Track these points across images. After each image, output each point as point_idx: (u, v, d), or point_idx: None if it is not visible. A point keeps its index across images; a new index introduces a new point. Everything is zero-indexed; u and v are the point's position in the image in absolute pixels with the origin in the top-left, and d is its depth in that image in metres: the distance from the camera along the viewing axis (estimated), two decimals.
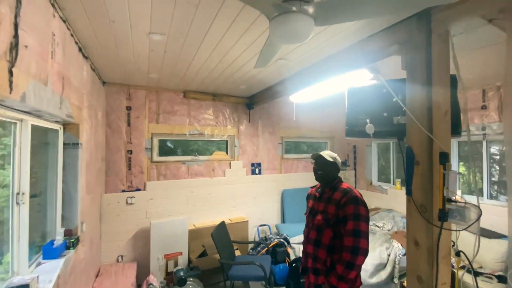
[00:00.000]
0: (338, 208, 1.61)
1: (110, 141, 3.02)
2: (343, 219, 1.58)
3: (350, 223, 1.55)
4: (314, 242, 1.67)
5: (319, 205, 1.73)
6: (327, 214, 1.65)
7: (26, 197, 1.38)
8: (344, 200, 1.61)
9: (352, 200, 1.59)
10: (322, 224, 1.65)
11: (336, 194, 1.67)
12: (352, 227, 1.54)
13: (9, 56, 0.94)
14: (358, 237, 1.52)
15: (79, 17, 1.52)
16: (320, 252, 1.63)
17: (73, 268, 1.80)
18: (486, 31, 1.71)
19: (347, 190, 1.66)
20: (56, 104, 1.42)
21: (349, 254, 1.51)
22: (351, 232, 1.53)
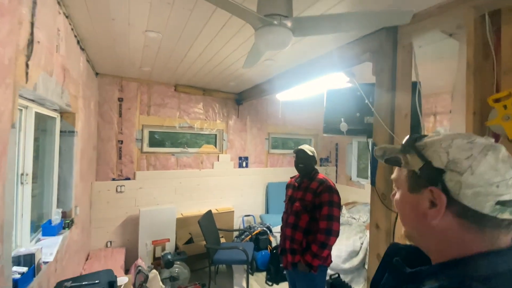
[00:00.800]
0: (314, 196, 1.85)
1: (102, 131, 3.12)
2: (319, 205, 1.83)
3: (325, 209, 1.80)
4: (292, 225, 1.90)
5: (298, 193, 1.95)
6: (305, 201, 1.88)
7: (29, 177, 1.51)
8: (320, 189, 1.85)
9: (327, 189, 1.84)
10: (300, 210, 1.87)
11: (313, 184, 1.90)
12: (326, 212, 1.79)
13: (26, 51, 1.07)
14: (331, 220, 1.78)
15: (81, 14, 1.64)
16: (297, 234, 1.86)
17: (68, 247, 1.93)
18: (454, 42, 1.95)
19: (322, 180, 1.90)
20: (58, 93, 1.55)
21: (324, 235, 1.76)
22: (325, 216, 1.79)
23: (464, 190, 0.42)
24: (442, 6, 1.39)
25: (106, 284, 1.50)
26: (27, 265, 1.25)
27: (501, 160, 0.42)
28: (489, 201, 0.41)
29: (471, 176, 0.42)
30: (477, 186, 0.41)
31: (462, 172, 0.42)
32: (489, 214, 0.41)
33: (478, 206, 0.42)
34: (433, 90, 3.30)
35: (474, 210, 0.42)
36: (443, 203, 0.44)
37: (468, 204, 0.42)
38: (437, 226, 0.46)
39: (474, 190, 0.42)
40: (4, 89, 0.92)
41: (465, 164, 0.42)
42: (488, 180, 0.41)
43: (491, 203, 0.41)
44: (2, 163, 0.93)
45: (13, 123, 1.01)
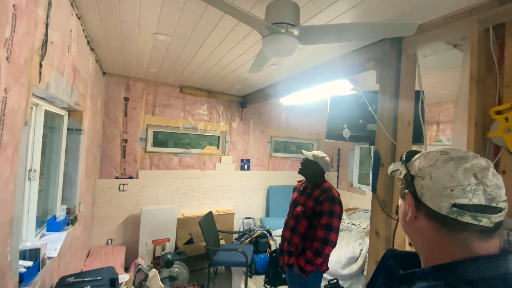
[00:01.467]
0: (316, 204, 1.87)
1: (107, 129, 3.16)
2: (319, 213, 1.84)
3: (325, 218, 1.80)
4: (291, 229, 1.94)
5: (301, 198, 1.98)
6: (306, 207, 1.90)
7: (36, 174, 1.54)
8: (322, 198, 1.85)
9: (330, 199, 1.84)
10: (300, 214, 1.90)
11: (317, 191, 1.92)
12: (325, 222, 1.80)
13: (40, 51, 1.11)
14: (329, 230, 1.78)
15: (92, 15, 1.68)
16: (295, 238, 1.90)
17: (71, 243, 1.96)
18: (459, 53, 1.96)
19: (326, 189, 1.91)
20: (68, 92, 1.58)
21: (320, 244, 1.78)
22: (324, 225, 1.79)
23: (426, 193, 0.50)
24: (447, 18, 1.42)
25: (108, 281, 1.52)
26: (32, 259, 1.28)
27: (464, 169, 0.47)
28: (443, 202, 0.47)
29: (429, 180, 0.50)
30: (433, 189, 0.49)
31: (423, 177, 0.51)
32: (448, 216, 0.47)
33: (436, 206, 0.48)
34: (436, 99, 3.31)
35: (436, 211, 0.48)
36: (412, 202, 0.53)
37: (429, 204, 0.50)
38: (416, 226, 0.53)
39: (432, 193, 0.49)
40: (19, 88, 0.95)
41: (427, 170, 0.51)
42: (443, 184, 0.48)
43: (446, 205, 0.47)
44: (15, 160, 0.96)
45: (26, 121, 1.05)
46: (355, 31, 1.23)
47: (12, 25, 0.84)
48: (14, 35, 0.86)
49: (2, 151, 0.85)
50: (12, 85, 0.89)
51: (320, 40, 1.29)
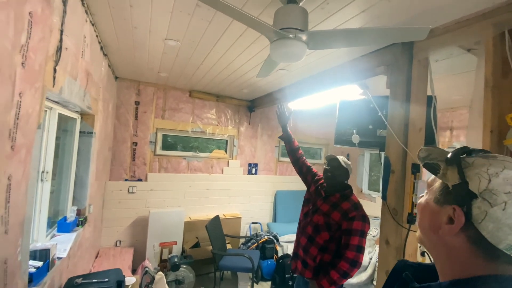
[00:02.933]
0: (343, 219, 1.66)
1: (118, 132, 3.22)
2: (347, 231, 1.64)
3: (356, 238, 1.62)
4: (309, 237, 1.75)
5: (323, 205, 1.76)
6: (330, 219, 1.69)
7: (49, 175, 1.58)
8: (353, 214, 1.65)
9: (361, 218, 1.66)
10: (322, 226, 1.70)
11: (345, 204, 1.70)
12: (357, 243, 1.61)
13: (55, 57, 1.15)
14: (359, 252, 1.61)
15: (106, 22, 1.73)
16: (312, 248, 1.71)
17: (81, 244, 1.99)
18: (472, 57, 1.91)
19: (357, 205, 1.71)
20: (81, 96, 1.63)
21: (348, 265, 1.59)
22: (355, 247, 1.61)
23: (487, 222, 0.42)
24: (460, 22, 1.38)
25: (115, 283, 1.53)
26: (42, 259, 1.30)
27: None
28: (508, 240, 0.41)
29: (501, 211, 0.41)
30: (503, 223, 0.41)
31: (494, 204, 0.41)
32: (503, 251, 0.41)
33: (495, 240, 0.41)
34: (449, 105, 3.22)
35: (489, 242, 0.42)
36: (460, 224, 0.44)
37: (485, 235, 0.42)
38: (449, 242, 0.47)
39: (497, 226, 0.41)
40: (34, 92, 0.98)
41: (502, 198, 0.41)
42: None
43: (508, 242, 0.41)
44: (27, 162, 0.98)
45: (39, 124, 1.08)
46: (365, 36, 1.22)
47: (28, 32, 0.87)
48: (30, 41, 0.89)
49: (15, 154, 0.87)
50: (27, 89, 0.92)
51: (329, 45, 1.28)
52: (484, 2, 1.23)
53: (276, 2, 1.35)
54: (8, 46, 0.76)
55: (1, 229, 0.82)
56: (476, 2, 1.24)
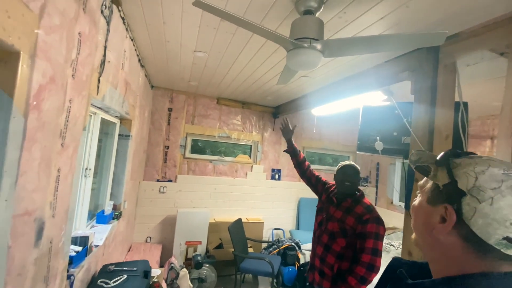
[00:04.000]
0: (358, 222, 1.63)
1: (152, 136, 3.50)
2: (362, 235, 1.61)
3: (371, 241, 1.58)
4: (324, 245, 1.72)
5: (336, 211, 1.74)
6: (345, 224, 1.66)
7: (91, 172, 1.80)
8: (367, 217, 1.63)
9: (375, 220, 1.63)
10: (338, 232, 1.67)
11: (358, 208, 1.67)
12: (372, 245, 1.58)
13: (99, 69, 1.34)
14: (375, 255, 1.57)
15: (143, 37, 1.95)
16: (329, 257, 1.68)
17: (115, 236, 2.21)
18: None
19: (370, 208, 1.69)
20: (120, 103, 1.84)
21: (365, 269, 1.55)
22: (370, 250, 1.57)
23: (477, 218, 0.43)
24: (487, 25, 1.32)
25: (142, 272, 1.68)
26: (82, 245, 1.49)
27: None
28: (497, 234, 0.42)
29: (489, 206, 0.42)
30: (491, 218, 0.42)
31: (481, 200, 0.43)
32: (493, 246, 0.42)
33: (485, 236, 0.43)
34: (490, 112, 2.97)
35: (480, 238, 0.43)
36: (452, 222, 0.46)
37: (476, 231, 0.43)
38: (442, 241, 0.48)
39: (486, 221, 0.42)
40: (81, 99, 1.16)
41: (489, 194, 0.43)
42: (504, 216, 0.41)
43: (497, 237, 0.42)
44: (73, 158, 1.16)
45: (84, 127, 1.26)
46: (380, 43, 1.23)
47: (77, 49, 1.05)
48: (79, 57, 1.07)
49: (64, 150, 1.05)
50: (75, 97, 1.09)
51: (345, 52, 1.31)
52: (509, 5, 1.17)
53: (294, 14, 1.42)
54: (61, 61, 0.94)
55: (50, 213, 0.98)
56: (501, 6, 1.18)
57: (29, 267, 0.87)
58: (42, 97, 0.83)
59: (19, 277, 0.82)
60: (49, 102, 0.88)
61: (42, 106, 0.84)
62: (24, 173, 0.78)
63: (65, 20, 0.92)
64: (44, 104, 0.85)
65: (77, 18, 1.02)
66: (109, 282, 1.53)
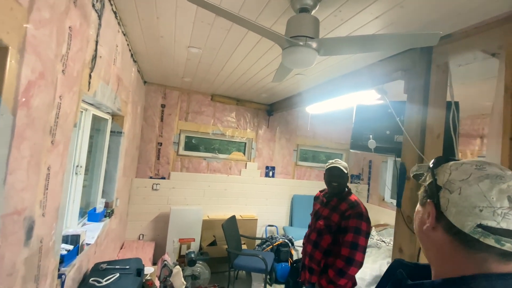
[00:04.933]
0: (341, 218, 1.73)
1: (145, 133, 3.46)
2: (344, 229, 1.70)
3: (350, 235, 1.66)
4: (313, 243, 1.81)
5: (324, 210, 1.84)
6: (330, 221, 1.76)
7: (82, 169, 1.77)
8: (349, 213, 1.71)
9: (357, 215, 1.70)
10: (324, 229, 1.77)
11: (343, 205, 1.77)
12: (351, 239, 1.65)
13: (90, 64, 1.31)
14: (355, 249, 1.63)
15: (136, 31, 1.91)
16: (317, 253, 1.77)
17: (107, 234, 2.18)
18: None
19: (354, 204, 1.75)
20: (112, 99, 1.81)
21: (343, 262, 1.63)
22: (349, 243, 1.65)
23: (450, 208, 0.48)
24: (479, 26, 1.34)
25: (135, 271, 1.67)
26: (73, 244, 1.47)
27: (499, 190, 0.45)
28: (468, 221, 0.45)
29: (457, 195, 0.47)
30: (460, 206, 0.46)
31: (452, 191, 0.48)
32: (470, 235, 0.45)
33: (459, 223, 0.46)
34: (480, 111, 3.04)
35: (458, 228, 0.46)
36: (433, 214, 0.51)
37: (451, 220, 0.47)
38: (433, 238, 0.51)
39: (457, 209, 0.46)
40: (72, 95, 1.14)
41: (457, 184, 0.48)
42: (472, 202, 0.45)
43: (471, 224, 0.45)
44: (64, 156, 1.14)
45: (75, 123, 1.23)
46: (375, 42, 1.23)
47: (68, 44, 1.02)
48: (69, 52, 1.04)
49: (54, 147, 1.02)
50: (66, 93, 1.07)
51: (340, 51, 1.31)
52: (503, 6, 1.19)
53: (290, 11, 1.41)
54: (51, 56, 0.91)
55: (40, 212, 0.96)
56: (495, 7, 1.20)
57: (19, 266, 0.85)
58: (32, 93, 0.81)
59: (9, 277, 0.80)
60: (38, 99, 0.85)
61: (31, 102, 0.81)
62: (13, 172, 0.76)
63: (55, 14, 0.90)
64: (34, 101, 0.83)
65: (68, 12, 0.99)
66: (101, 280, 1.51)
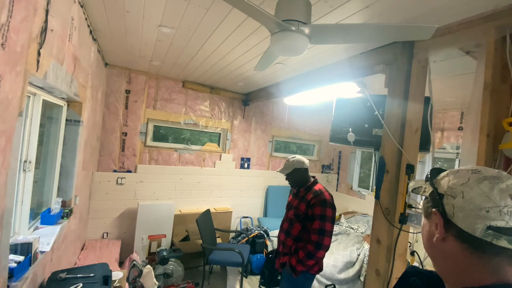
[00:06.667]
0: (308, 207, 1.87)
1: (107, 121, 3.11)
2: (311, 217, 1.85)
3: (317, 223, 1.81)
4: (285, 231, 1.97)
5: (295, 201, 2.00)
6: (298, 210, 1.91)
7: (32, 165, 1.49)
8: (313, 201, 1.85)
9: (321, 203, 1.83)
10: (293, 218, 1.92)
11: (309, 195, 1.91)
12: (318, 226, 1.80)
13: (39, 39, 1.06)
14: (322, 235, 1.79)
15: (96, 3, 1.63)
16: (288, 240, 1.92)
17: (65, 237, 1.92)
18: (468, 60, 1.92)
19: (318, 192, 1.89)
20: (68, 83, 1.54)
21: (313, 247, 1.79)
22: (317, 230, 1.80)
23: (457, 213, 0.47)
24: (463, 23, 1.37)
25: (101, 278, 1.48)
26: (24, 254, 1.24)
27: (500, 189, 0.45)
28: (478, 224, 0.44)
29: (461, 199, 0.47)
30: (467, 209, 0.46)
31: (455, 196, 0.48)
32: (483, 239, 0.44)
33: (469, 228, 0.45)
34: (442, 106, 3.26)
35: (468, 233, 0.45)
36: (441, 223, 0.49)
37: (461, 226, 0.46)
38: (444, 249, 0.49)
39: (464, 213, 0.46)
40: (14, 76, 0.90)
41: (459, 189, 0.48)
42: (478, 204, 0.45)
43: (480, 226, 0.44)
44: (7, 151, 0.91)
45: (21, 111, 1.00)
46: (369, 32, 1.18)
47: (9, 10, 0.79)
48: (11, 21, 0.81)
49: None
50: (7, 73, 0.84)
51: (332, 40, 1.24)
52: (489, 4, 1.21)
53: None
54: None
55: None
56: (481, 4, 1.22)
57: None
58: None
59: None
60: None
61: None
62: None
63: None
64: None
65: None
66: None
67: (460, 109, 3.33)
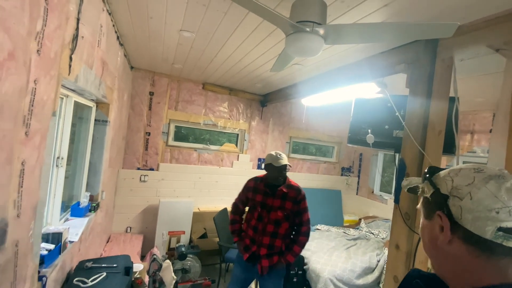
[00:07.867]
0: (295, 204, 1.94)
1: (132, 122, 3.28)
2: (298, 212, 1.95)
3: (306, 215, 1.96)
4: (271, 234, 1.91)
5: (275, 201, 1.92)
6: (286, 209, 1.92)
7: (64, 161, 1.62)
8: (300, 198, 1.95)
9: (304, 197, 1.98)
10: (282, 218, 1.91)
11: (292, 192, 1.95)
12: (307, 218, 1.97)
13: (71, 45, 1.16)
14: (309, 224, 1.99)
15: (122, 11, 1.74)
16: (277, 241, 1.92)
17: (92, 228, 2.06)
18: (500, 58, 1.79)
19: (299, 189, 1.99)
20: (96, 85, 1.65)
21: (306, 238, 1.95)
22: (307, 221, 1.96)
23: (465, 215, 0.45)
24: (489, 20, 1.29)
25: (123, 269, 1.57)
26: (55, 242, 1.35)
27: (506, 189, 0.44)
28: (489, 225, 0.43)
29: (469, 201, 0.45)
30: (476, 211, 0.44)
31: (462, 197, 0.46)
32: (493, 241, 0.42)
33: (479, 231, 0.43)
34: (472, 107, 3.06)
35: (478, 236, 0.44)
36: (447, 225, 0.47)
37: (469, 228, 0.44)
38: (449, 251, 0.48)
39: (473, 215, 0.44)
40: (49, 80, 1.00)
41: (465, 190, 0.46)
42: (487, 206, 0.43)
43: (491, 228, 0.42)
44: (42, 148, 1.01)
45: (54, 111, 1.10)
46: (388, 31, 1.15)
47: (44, 19, 0.88)
48: (45, 29, 0.90)
49: (29, 140, 0.89)
50: (42, 76, 0.93)
51: (348, 40, 1.23)
52: None
53: None
54: (23, 33, 0.77)
55: (14, 213, 0.84)
56: (509, 0, 1.14)
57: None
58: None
59: None
60: (7, 83, 0.72)
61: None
62: None
63: None
64: (2, 86, 0.70)
65: None
66: (86, 281, 1.41)
67: (492, 110, 3.11)
